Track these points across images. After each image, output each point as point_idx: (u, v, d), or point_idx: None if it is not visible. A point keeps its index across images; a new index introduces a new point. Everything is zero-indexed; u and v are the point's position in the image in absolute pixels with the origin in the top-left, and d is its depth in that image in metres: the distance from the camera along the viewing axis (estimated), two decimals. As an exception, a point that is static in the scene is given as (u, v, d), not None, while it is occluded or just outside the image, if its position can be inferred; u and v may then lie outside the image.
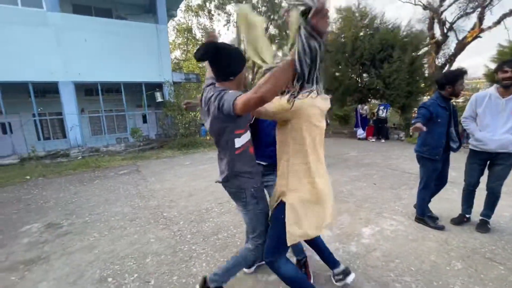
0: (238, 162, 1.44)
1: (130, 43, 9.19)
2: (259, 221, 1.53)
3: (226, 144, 1.41)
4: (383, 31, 9.45)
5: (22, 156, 7.47)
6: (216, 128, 1.39)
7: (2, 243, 2.77)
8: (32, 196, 4.29)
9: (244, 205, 1.50)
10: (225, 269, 1.61)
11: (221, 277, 1.61)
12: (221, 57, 1.33)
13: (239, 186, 1.47)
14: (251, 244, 1.59)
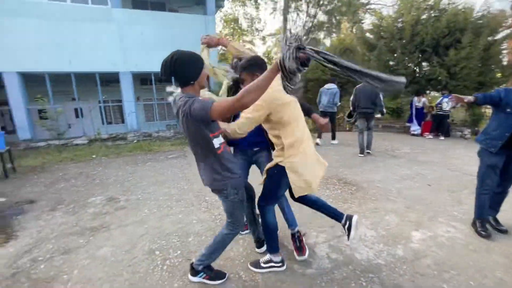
0: (219, 161, 1.56)
1: (181, 34, 9.68)
2: (236, 208, 1.70)
3: (207, 146, 1.51)
4: (452, 12, 8.23)
5: (90, 137, 8.58)
6: (193, 132, 1.48)
7: (74, 211, 3.23)
8: (97, 173, 4.91)
9: (226, 196, 1.64)
10: (207, 254, 1.82)
11: (204, 261, 1.83)
12: (176, 68, 1.43)
13: (222, 184, 1.59)
14: (227, 228, 1.78)
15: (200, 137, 1.49)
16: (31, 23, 8.01)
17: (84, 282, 1.93)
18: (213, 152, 1.53)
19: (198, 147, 1.55)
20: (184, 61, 1.44)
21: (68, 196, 3.73)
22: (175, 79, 1.48)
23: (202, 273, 1.86)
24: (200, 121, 1.40)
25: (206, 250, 1.84)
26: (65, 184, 4.30)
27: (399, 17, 9.48)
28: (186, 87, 1.50)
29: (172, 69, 1.43)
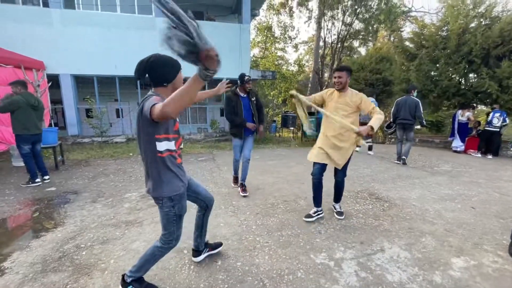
0: (158, 167, 1.56)
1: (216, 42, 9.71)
2: (170, 222, 1.67)
3: (147, 146, 1.52)
4: (507, 20, 7.53)
5: (128, 136, 9.21)
6: (140, 130, 1.51)
7: (112, 204, 3.48)
8: (133, 170, 5.25)
9: (160, 206, 1.65)
10: (138, 267, 1.77)
11: (134, 273, 1.77)
12: (151, 69, 1.50)
13: (159, 194, 1.59)
14: (160, 241, 1.74)
15: (145, 135, 1.50)
16: (85, 31, 8.90)
17: (118, 272, 2.06)
18: (155, 155, 1.54)
19: (142, 147, 1.56)
20: (159, 63, 1.51)
21: (107, 190, 4.02)
22: (150, 78, 1.54)
23: (131, 286, 1.78)
24: (144, 119, 1.41)
25: (138, 261, 1.79)
26: (105, 178, 4.65)
27: (443, 25, 8.93)
28: (158, 87, 1.57)
29: (146, 69, 1.51)
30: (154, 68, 1.51)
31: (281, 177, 4.74)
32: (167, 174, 1.60)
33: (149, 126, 1.46)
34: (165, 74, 1.55)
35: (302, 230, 2.75)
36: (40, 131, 4.35)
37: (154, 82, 1.56)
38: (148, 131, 1.49)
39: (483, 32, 7.63)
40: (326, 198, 3.25)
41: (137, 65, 1.53)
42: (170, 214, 1.65)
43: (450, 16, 8.50)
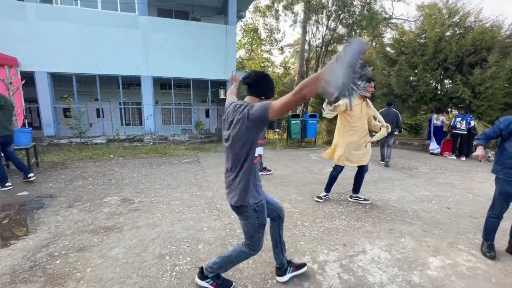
0: (250, 175, 1.60)
1: (202, 43, 9.97)
2: (256, 231, 1.70)
3: (248, 152, 1.56)
4: (478, 30, 8.00)
5: (109, 137, 8.89)
6: (241, 136, 1.53)
7: (90, 209, 3.33)
8: (113, 173, 5.06)
9: (246, 218, 1.67)
10: (219, 265, 1.84)
11: (216, 271, 1.86)
12: (262, 81, 1.66)
13: (244, 202, 1.61)
14: (247, 248, 1.78)
15: (248, 141, 1.53)
16: (64, 27, 8.52)
17: (95, 282, 1.97)
18: (251, 162, 1.58)
19: (240, 154, 1.57)
20: (270, 81, 1.69)
21: (85, 194, 3.85)
22: (256, 87, 1.65)
23: (210, 279, 1.88)
24: (257, 120, 1.44)
25: (219, 260, 1.85)
26: (83, 182, 4.45)
27: (421, 33, 9.33)
28: (256, 98, 1.66)
29: (261, 79, 1.66)
30: (265, 81, 1.67)
31: (265, 179, 4.75)
32: (255, 182, 1.64)
33: (257, 130, 1.52)
34: (268, 90, 1.68)
35: (286, 233, 2.75)
36: (10, 131, 4.09)
37: (257, 92, 1.66)
38: (255, 135, 1.54)
39: (457, 41, 8.05)
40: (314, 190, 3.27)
41: (253, 72, 1.68)
42: (255, 224, 1.69)
43: (427, 24, 8.91)
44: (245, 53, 23.65)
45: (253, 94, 1.66)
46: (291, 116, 9.78)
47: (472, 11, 8.51)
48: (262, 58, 23.35)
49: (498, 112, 7.66)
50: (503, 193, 2.34)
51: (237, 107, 1.59)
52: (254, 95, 1.66)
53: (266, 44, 22.90)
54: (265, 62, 23.56)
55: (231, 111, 1.64)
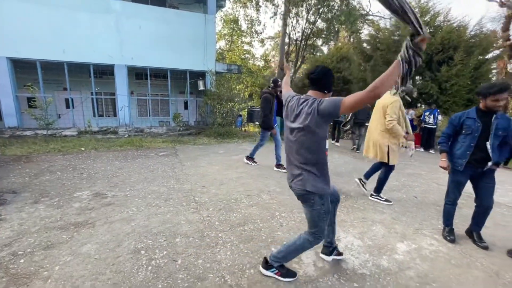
0: (323, 166, 1.72)
1: (180, 32, 9.62)
2: (321, 219, 1.76)
3: (319, 146, 1.67)
4: (446, 29, 8.47)
5: (80, 129, 8.39)
6: (312, 129, 1.63)
7: (59, 204, 3.15)
8: (85, 166, 4.81)
9: (311, 205, 1.73)
10: (284, 254, 1.91)
11: (280, 259, 1.93)
12: (327, 76, 1.73)
13: (312, 189, 1.69)
14: (311, 237, 1.83)
15: (318, 134, 1.64)
16: (27, 9, 7.79)
17: (64, 280, 1.88)
18: (322, 154, 1.70)
19: (310, 147, 1.67)
20: (331, 75, 1.76)
21: (53, 189, 3.63)
22: (321, 82, 1.73)
23: (274, 269, 1.95)
24: (327, 116, 1.56)
25: (284, 248, 1.92)
26: (51, 176, 4.19)
27: (396, 30, 9.70)
28: (318, 91, 1.74)
29: (326, 74, 1.73)
30: (329, 76, 1.75)
31: (245, 172, 4.76)
32: (324, 173, 1.74)
33: (326, 124, 1.64)
34: (329, 84, 1.76)
35: (264, 224, 2.80)
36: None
37: (321, 86, 1.74)
38: (324, 129, 1.65)
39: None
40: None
41: (318, 68, 1.74)
42: (321, 212, 1.75)
43: (401, 22, 9.25)
44: (225, 44, 23.22)
45: (317, 89, 1.75)
46: (271, 109, 9.81)
47: (442, 11, 8.97)
48: (243, 50, 23.06)
49: (462, 107, 8.22)
50: (454, 181, 2.58)
51: (303, 100, 1.71)
52: (318, 90, 1.75)
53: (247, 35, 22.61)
54: (246, 54, 23.31)
55: (295, 104, 1.75)
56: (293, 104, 1.78)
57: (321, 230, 1.79)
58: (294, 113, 1.73)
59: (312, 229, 1.81)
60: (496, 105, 2.29)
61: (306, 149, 1.68)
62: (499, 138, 2.36)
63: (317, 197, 1.70)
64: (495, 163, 2.36)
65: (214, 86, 10.21)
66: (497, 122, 2.33)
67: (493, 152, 2.34)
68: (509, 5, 11.29)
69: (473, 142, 2.41)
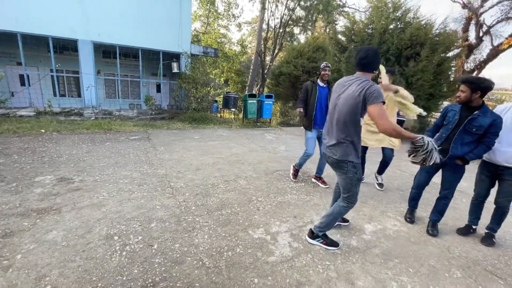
0: (358, 138, 1.97)
1: (153, 9, 8.99)
2: (353, 185, 2.02)
3: (357, 120, 1.91)
4: (415, 26, 8.93)
5: (38, 109, 7.63)
6: (355, 105, 1.87)
7: (17, 190, 2.89)
8: (46, 149, 4.42)
9: (345, 172, 2.00)
10: (326, 223, 2.18)
11: (323, 228, 2.20)
12: (377, 56, 1.93)
13: (346, 157, 1.96)
14: (344, 202, 2.09)
15: (359, 110, 1.86)
16: (-33, -33, 6.70)
17: (29, 268, 1.76)
18: (359, 126, 1.95)
19: (351, 119, 1.91)
20: (378, 54, 1.94)
21: (9, 173, 3.31)
22: (367, 64, 1.91)
23: (320, 238, 2.21)
24: (369, 100, 1.79)
25: (324, 219, 2.18)
26: (6, 159, 3.80)
27: (369, 23, 10.00)
28: (368, 73, 1.94)
29: (376, 55, 1.91)
30: (378, 56, 1.93)
31: (221, 158, 4.73)
32: (357, 145, 1.98)
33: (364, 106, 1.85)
34: (377, 64, 1.95)
35: (241, 208, 2.84)
36: None
37: (370, 67, 1.92)
38: (363, 109, 1.87)
39: (398, 34, 8.88)
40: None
41: (367, 49, 1.93)
42: (353, 179, 1.99)
43: (375, 15, 9.56)
44: (200, 26, 22.24)
45: (367, 70, 1.93)
46: (247, 96, 9.74)
47: (412, 8, 9.40)
48: (219, 34, 22.30)
49: (424, 101, 8.86)
50: (420, 168, 2.78)
51: (353, 78, 1.96)
52: (368, 71, 1.93)
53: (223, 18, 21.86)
54: (222, 38, 22.59)
55: (344, 81, 2.01)
56: (340, 82, 2.03)
57: (353, 195, 2.05)
58: (343, 88, 1.96)
59: (345, 194, 2.06)
60: (457, 97, 2.38)
61: (346, 121, 1.92)
62: (473, 134, 2.31)
63: (350, 166, 1.96)
64: (459, 158, 2.38)
65: (189, 69, 9.81)
66: (475, 118, 2.28)
67: (455, 145, 2.39)
68: (470, 7, 12.15)
69: (445, 133, 2.46)
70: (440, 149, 2.50)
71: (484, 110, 2.29)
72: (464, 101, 2.32)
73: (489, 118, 2.25)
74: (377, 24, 9.30)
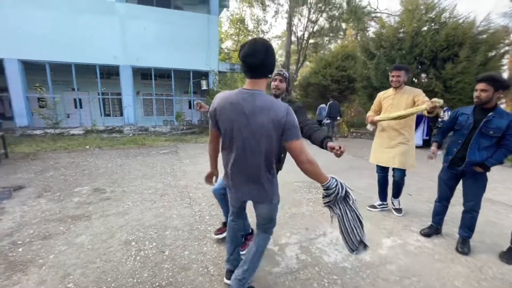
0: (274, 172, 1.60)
1: (183, 32, 9.78)
2: (276, 211, 1.68)
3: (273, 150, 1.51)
4: (452, 26, 8.30)
5: (87, 128, 8.66)
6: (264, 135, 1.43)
7: (60, 199, 3.30)
8: (87, 163, 4.98)
9: (270, 201, 1.59)
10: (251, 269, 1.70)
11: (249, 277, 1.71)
12: (271, 54, 1.35)
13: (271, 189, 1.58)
14: (268, 232, 1.73)
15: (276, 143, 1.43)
16: (35, 12, 8.09)
17: (58, 267, 2.00)
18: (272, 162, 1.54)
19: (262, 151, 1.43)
20: (273, 51, 1.35)
21: (55, 185, 3.80)
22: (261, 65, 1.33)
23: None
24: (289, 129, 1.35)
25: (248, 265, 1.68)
26: (55, 172, 4.37)
27: (400, 27, 9.57)
28: (262, 79, 1.38)
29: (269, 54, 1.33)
30: (272, 55, 1.35)
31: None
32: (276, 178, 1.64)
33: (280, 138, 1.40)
34: (273, 64, 1.38)
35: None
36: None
37: (266, 71, 1.37)
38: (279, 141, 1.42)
39: (432, 36, 8.33)
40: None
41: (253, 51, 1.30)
42: (277, 205, 1.65)
43: (406, 19, 9.14)
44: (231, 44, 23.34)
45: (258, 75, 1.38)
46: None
47: (447, 7, 8.80)
48: (249, 50, 23.07)
49: (467, 105, 8.04)
50: (440, 177, 2.58)
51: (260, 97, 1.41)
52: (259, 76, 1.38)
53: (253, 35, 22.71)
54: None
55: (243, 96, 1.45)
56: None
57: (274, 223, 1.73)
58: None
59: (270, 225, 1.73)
60: (475, 98, 2.17)
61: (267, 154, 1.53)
62: (490, 138, 2.13)
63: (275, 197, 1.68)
64: (478, 165, 2.18)
65: (216, 85, 10.33)
66: (490, 120, 2.11)
67: (472, 151, 2.19)
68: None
69: (461, 139, 2.29)
70: (458, 156, 2.32)
71: (499, 111, 2.09)
72: (484, 101, 2.11)
73: (505, 119, 2.05)
74: (408, 27, 8.86)
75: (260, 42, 1.33)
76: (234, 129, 1.40)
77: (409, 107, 2.76)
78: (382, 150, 3.03)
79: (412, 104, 2.77)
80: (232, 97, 1.39)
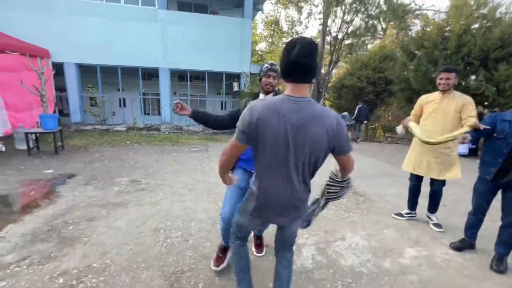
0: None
1: (218, 36, 10.19)
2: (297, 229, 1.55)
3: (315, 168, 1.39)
4: (508, 22, 7.46)
5: (128, 125, 9.47)
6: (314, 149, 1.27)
7: (103, 187, 3.72)
8: (127, 157, 5.49)
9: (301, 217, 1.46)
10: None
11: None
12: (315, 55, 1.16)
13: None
14: (291, 250, 1.59)
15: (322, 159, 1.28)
16: (90, 21, 9.10)
17: (98, 245, 2.29)
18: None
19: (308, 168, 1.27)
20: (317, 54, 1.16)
21: (100, 174, 4.27)
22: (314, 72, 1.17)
23: None
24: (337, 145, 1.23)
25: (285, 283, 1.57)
26: (100, 164, 4.90)
27: (445, 25, 8.85)
28: (307, 84, 1.19)
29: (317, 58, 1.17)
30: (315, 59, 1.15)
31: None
32: None
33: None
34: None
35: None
36: None
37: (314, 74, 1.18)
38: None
39: (483, 34, 7.58)
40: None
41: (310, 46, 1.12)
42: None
43: (452, 16, 8.44)
44: (265, 46, 23.60)
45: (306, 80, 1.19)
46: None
47: (502, 2, 7.93)
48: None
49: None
50: (478, 190, 2.36)
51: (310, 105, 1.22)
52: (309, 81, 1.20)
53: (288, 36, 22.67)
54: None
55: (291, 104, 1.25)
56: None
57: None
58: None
59: (293, 241, 1.61)
60: None
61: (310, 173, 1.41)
62: None
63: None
64: None
65: (247, 87, 10.57)
66: None
67: None
68: None
69: (507, 148, 2.10)
70: (504, 167, 2.14)
71: None
72: None
73: None
74: (455, 25, 8.16)
75: (313, 42, 1.16)
76: (282, 147, 1.16)
77: (457, 114, 2.57)
78: (422, 159, 2.81)
79: (460, 111, 2.56)
80: (278, 106, 1.14)
